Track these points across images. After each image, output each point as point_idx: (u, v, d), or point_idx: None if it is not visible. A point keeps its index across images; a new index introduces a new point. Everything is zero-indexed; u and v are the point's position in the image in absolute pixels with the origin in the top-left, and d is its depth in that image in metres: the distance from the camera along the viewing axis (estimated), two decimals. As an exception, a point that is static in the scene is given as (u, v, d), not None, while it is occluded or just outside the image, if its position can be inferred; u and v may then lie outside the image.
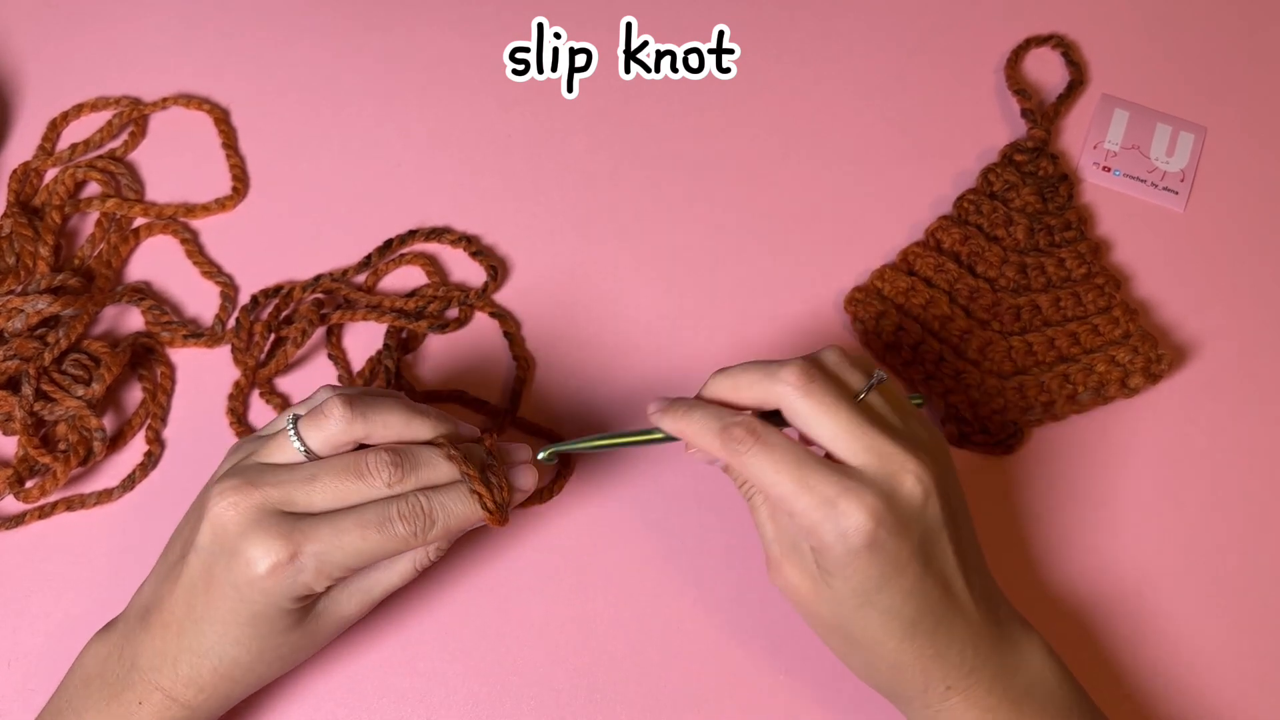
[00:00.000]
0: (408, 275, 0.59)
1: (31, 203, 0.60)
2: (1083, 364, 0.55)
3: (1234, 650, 0.51)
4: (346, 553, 0.40)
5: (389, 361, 0.55)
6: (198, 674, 0.42)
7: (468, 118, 0.64)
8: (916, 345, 0.56)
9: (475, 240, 0.59)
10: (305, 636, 0.43)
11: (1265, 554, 0.53)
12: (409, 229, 0.59)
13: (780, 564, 0.43)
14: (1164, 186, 0.62)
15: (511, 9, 0.67)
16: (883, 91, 0.65)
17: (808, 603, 0.43)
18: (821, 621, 0.43)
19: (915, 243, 0.59)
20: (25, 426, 0.52)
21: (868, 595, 0.40)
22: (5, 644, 0.50)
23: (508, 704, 0.50)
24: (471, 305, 0.57)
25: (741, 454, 0.41)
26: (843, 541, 0.39)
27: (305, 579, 0.41)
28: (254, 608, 0.41)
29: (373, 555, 0.41)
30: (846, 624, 0.42)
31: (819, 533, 0.40)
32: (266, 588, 0.40)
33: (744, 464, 0.41)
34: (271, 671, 0.44)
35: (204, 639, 0.42)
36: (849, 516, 0.39)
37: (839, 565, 0.40)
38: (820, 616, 0.43)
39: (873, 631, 0.41)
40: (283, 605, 0.41)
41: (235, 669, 0.42)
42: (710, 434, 0.42)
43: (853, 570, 0.40)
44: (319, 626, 0.43)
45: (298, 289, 0.57)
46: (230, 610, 0.41)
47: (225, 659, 0.42)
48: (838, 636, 0.43)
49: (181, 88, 0.64)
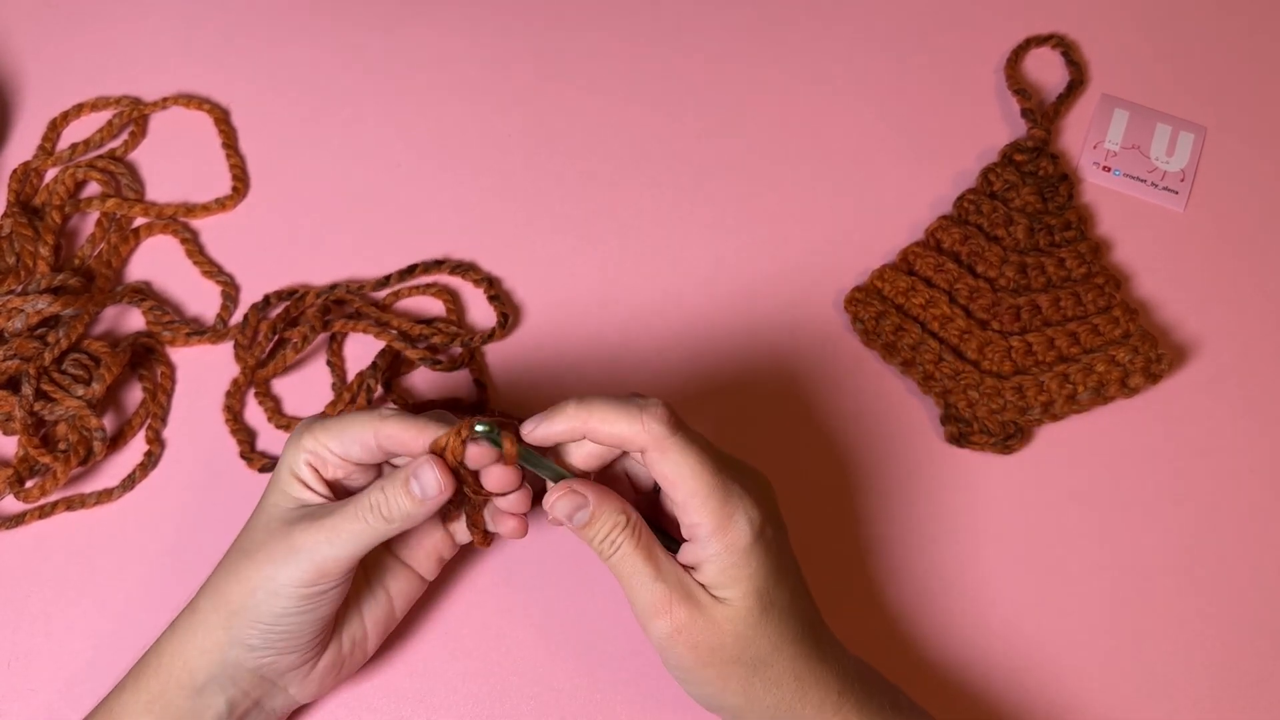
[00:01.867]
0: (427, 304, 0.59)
1: (32, 203, 0.60)
2: (1083, 364, 0.55)
3: (1232, 648, 0.51)
4: (341, 420, 0.43)
5: (371, 380, 0.55)
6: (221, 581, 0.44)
7: (467, 118, 0.64)
8: (916, 345, 0.56)
9: (496, 284, 0.59)
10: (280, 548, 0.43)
11: (1265, 554, 0.53)
12: (435, 258, 0.59)
13: (667, 607, 0.41)
14: (1164, 186, 0.62)
15: (512, 9, 0.67)
16: (883, 91, 0.65)
17: (703, 636, 0.41)
18: (720, 653, 0.42)
19: (915, 243, 0.59)
20: (25, 426, 0.52)
21: (766, 595, 0.41)
22: (5, 644, 0.50)
23: (508, 704, 0.50)
24: (472, 349, 0.56)
25: (661, 454, 0.41)
26: (744, 534, 0.41)
27: (304, 439, 0.43)
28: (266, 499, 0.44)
29: (355, 424, 0.43)
30: (749, 637, 0.41)
31: (724, 531, 0.41)
32: (284, 455, 0.44)
33: (651, 466, 0.41)
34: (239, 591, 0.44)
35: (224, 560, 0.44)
36: (744, 514, 0.41)
37: (739, 565, 0.41)
38: (719, 648, 0.41)
39: (774, 636, 0.42)
40: (281, 477, 0.44)
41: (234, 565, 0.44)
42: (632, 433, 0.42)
43: (754, 565, 0.41)
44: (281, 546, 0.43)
45: (311, 294, 0.57)
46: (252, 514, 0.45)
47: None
48: (739, 665, 0.42)
49: (181, 88, 0.64)
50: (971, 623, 0.52)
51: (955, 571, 0.53)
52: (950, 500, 0.54)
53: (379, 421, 0.42)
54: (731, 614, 0.41)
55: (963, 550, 0.53)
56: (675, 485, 0.41)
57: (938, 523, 0.54)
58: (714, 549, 0.41)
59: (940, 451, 0.56)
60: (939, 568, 0.53)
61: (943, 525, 0.54)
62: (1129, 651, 0.51)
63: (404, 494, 0.41)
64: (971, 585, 0.53)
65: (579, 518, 0.42)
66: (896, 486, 0.55)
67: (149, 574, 0.52)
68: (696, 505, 0.41)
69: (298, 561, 0.42)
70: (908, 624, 0.52)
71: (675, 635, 0.41)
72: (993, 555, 0.53)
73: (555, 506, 0.42)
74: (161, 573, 0.52)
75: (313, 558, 0.42)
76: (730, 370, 0.57)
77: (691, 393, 0.57)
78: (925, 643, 0.51)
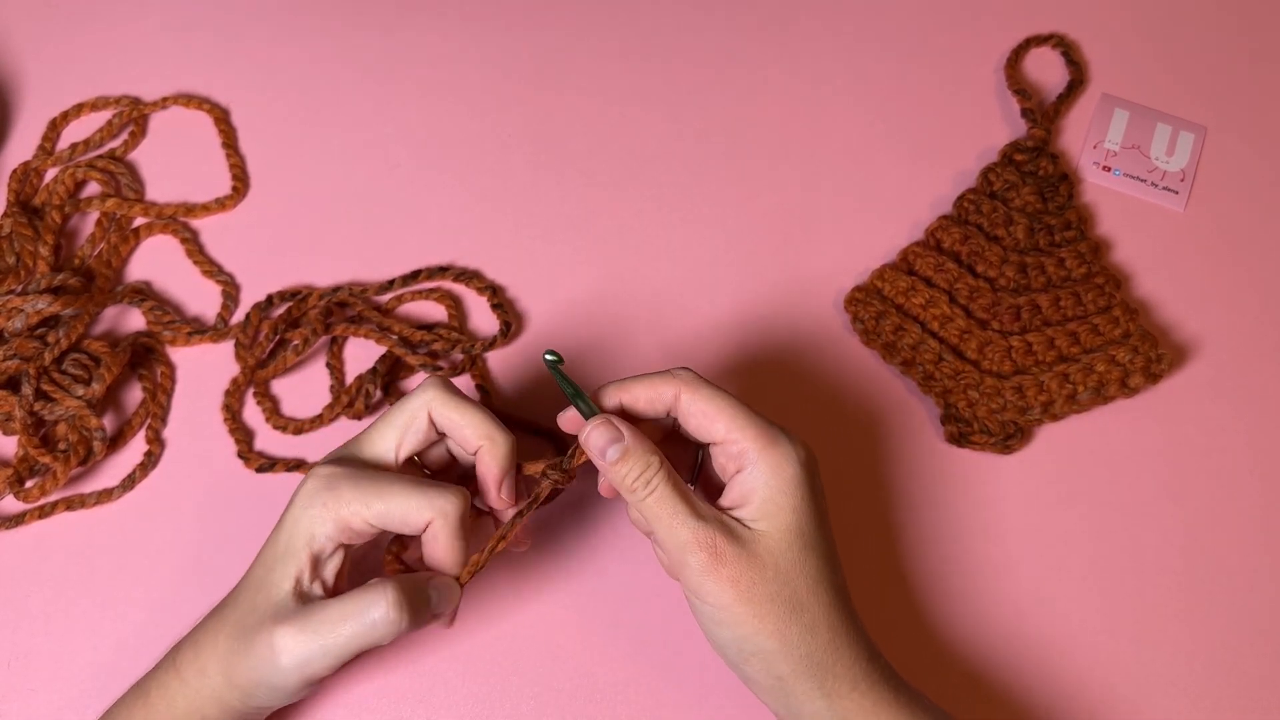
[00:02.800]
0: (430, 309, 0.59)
1: (31, 202, 0.60)
2: (1083, 364, 0.55)
3: (1233, 648, 0.51)
4: (377, 486, 0.42)
5: (370, 385, 0.55)
6: (204, 633, 0.43)
7: (466, 118, 0.64)
8: (916, 345, 0.56)
9: (500, 292, 0.58)
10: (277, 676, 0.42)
11: (1265, 554, 0.53)
12: (440, 264, 0.59)
13: (709, 540, 0.41)
14: (1164, 186, 0.62)
15: (512, 10, 0.67)
16: (883, 91, 0.65)
17: (743, 569, 0.41)
18: (759, 589, 0.41)
19: (915, 242, 0.59)
20: (25, 426, 0.52)
21: (807, 535, 0.42)
22: (5, 644, 0.50)
23: (508, 704, 0.50)
24: (474, 356, 0.56)
25: (694, 394, 0.43)
26: (792, 462, 0.42)
27: (331, 500, 0.42)
28: (277, 537, 0.43)
29: (398, 500, 0.42)
30: (788, 575, 0.41)
31: (771, 449, 0.42)
32: (299, 498, 0.42)
33: (687, 410, 0.43)
34: (242, 679, 0.42)
35: (240, 590, 0.43)
36: (791, 444, 0.43)
37: (785, 493, 0.42)
38: (758, 582, 0.41)
39: (811, 580, 0.42)
40: (295, 544, 0.42)
41: (231, 645, 0.42)
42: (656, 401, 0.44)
43: (799, 499, 0.42)
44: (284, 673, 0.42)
45: (314, 295, 0.57)
46: (265, 547, 0.43)
47: (234, 621, 0.43)
48: (777, 604, 0.41)
49: (181, 88, 0.64)
50: (971, 622, 0.52)
51: (955, 571, 0.53)
52: (950, 500, 0.54)
53: (444, 515, 0.42)
54: (772, 547, 0.41)
55: (963, 550, 0.53)
56: (714, 417, 0.43)
57: (938, 523, 0.54)
58: (761, 472, 0.42)
59: (940, 451, 0.56)
60: (939, 567, 0.53)
61: (943, 525, 0.54)
62: (1129, 651, 0.51)
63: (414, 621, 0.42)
64: (971, 585, 0.53)
65: (612, 452, 0.42)
66: (897, 486, 0.55)
67: (149, 574, 0.52)
68: (740, 426, 0.42)
69: (294, 673, 0.41)
70: (905, 624, 0.52)
71: (716, 568, 0.41)
72: (993, 555, 0.53)
73: (591, 436, 0.43)
74: (161, 572, 0.52)
75: (312, 672, 0.41)
76: (731, 371, 0.57)
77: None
78: (925, 642, 0.51)
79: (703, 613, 0.43)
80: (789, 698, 0.42)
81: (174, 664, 0.44)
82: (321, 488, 0.42)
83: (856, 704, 0.42)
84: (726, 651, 0.43)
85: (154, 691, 0.43)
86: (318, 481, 0.42)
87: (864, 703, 0.42)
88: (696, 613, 0.43)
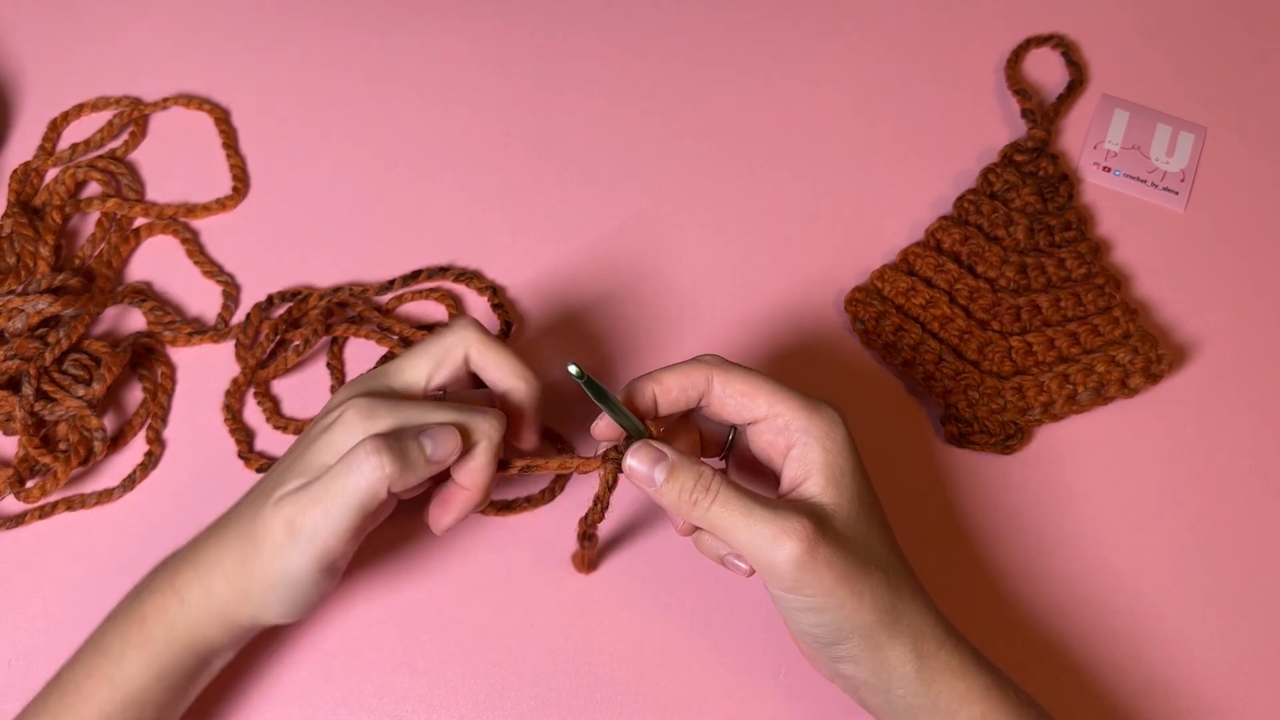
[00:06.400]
0: (430, 309, 0.59)
1: (32, 203, 0.60)
2: (1083, 364, 0.55)
3: (1232, 649, 0.51)
4: (414, 407, 0.43)
5: None
6: (217, 561, 0.43)
7: (466, 118, 0.64)
8: (916, 345, 0.56)
9: (500, 292, 0.58)
10: (291, 557, 0.42)
11: (1265, 554, 0.53)
12: (440, 264, 0.59)
13: (796, 528, 0.40)
14: (1164, 186, 0.62)
15: (512, 9, 0.67)
16: (883, 91, 0.65)
17: (834, 547, 0.40)
18: (852, 561, 0.41)
19: (915, 243, 0.59)
20: (26, 426, 0.52)
21: (867, 498, 0.43)
22: (5, 644, 0.50)
23: (508, 704, 0.50)
24: None
25: (726, 376, 0.44)
26: (839, 426, 0.43)
27: (374, 425, 0.42)
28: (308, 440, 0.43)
29: (434, 416, 0.43)
30: (868, 539, 0.42)
31: (817, 416, 0.43)
32: (338, 430, 0.42)
33: (723, 392, 0.44)
34: (256, 583, 0.42)
35: (255, 522, 0.42)
36: (832, 409, 0.43)
37: (845, 456, 0.42)
38: (850, 556, 0.41)
39: (883, 539, 0.43)
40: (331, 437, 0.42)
41: (250, 568, 0.42)
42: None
43: (854, 463, 0.43)
44: (299, 551, 0.42)
45: (315, 296, 0.57)
46: (289, 456, 0.43)
47: (236, 531, 0.43)
48: (870, 572, 0.41)
49: (181, 88, 0.64)
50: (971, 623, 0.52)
51: (955, 571, 0.53)
52: (950, 500, 0.54)
53: (488, 438, 0.43)
54: (846, 517, 0.42)
55: (963, 550, 0.53)
56: (753, 394, 0.43)
57: (938, 523, 0.54)
58: (816, 442, 0.42)
59: (940, 451, 0.56)
60: (939, 567, 0.53)
61: (943, 525, 0.54)
62: (1129, 652, 0.51)
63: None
64: (971, 585, 0.53)
65: (659, 473, 0.42)
66: (896, 486, 0.55)
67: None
68: (781, 398, 0.43)
69: (307, 546, 0.41)
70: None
71: (811, 555, 0.40)
72: (992, 555, 0.53)
73: (633, 467, 0.43)
74: (162, 573, 0.52)
75: (323, 541, 0.41)
76: (730, 370, 0.57)
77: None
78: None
79: (799, 605, 0.41)
80: (884, 668, 0.42)
81: (171, 586, 0.43)
82: (363, 416, 0.42)
83: (944, 663, 0.42)
84: (824, 636, 0.42)
85: (151, 616, 0.43)
86: (358, 412, 0.42)
87: (951, 661, 0.42)
88: (790, 608, 0.42)
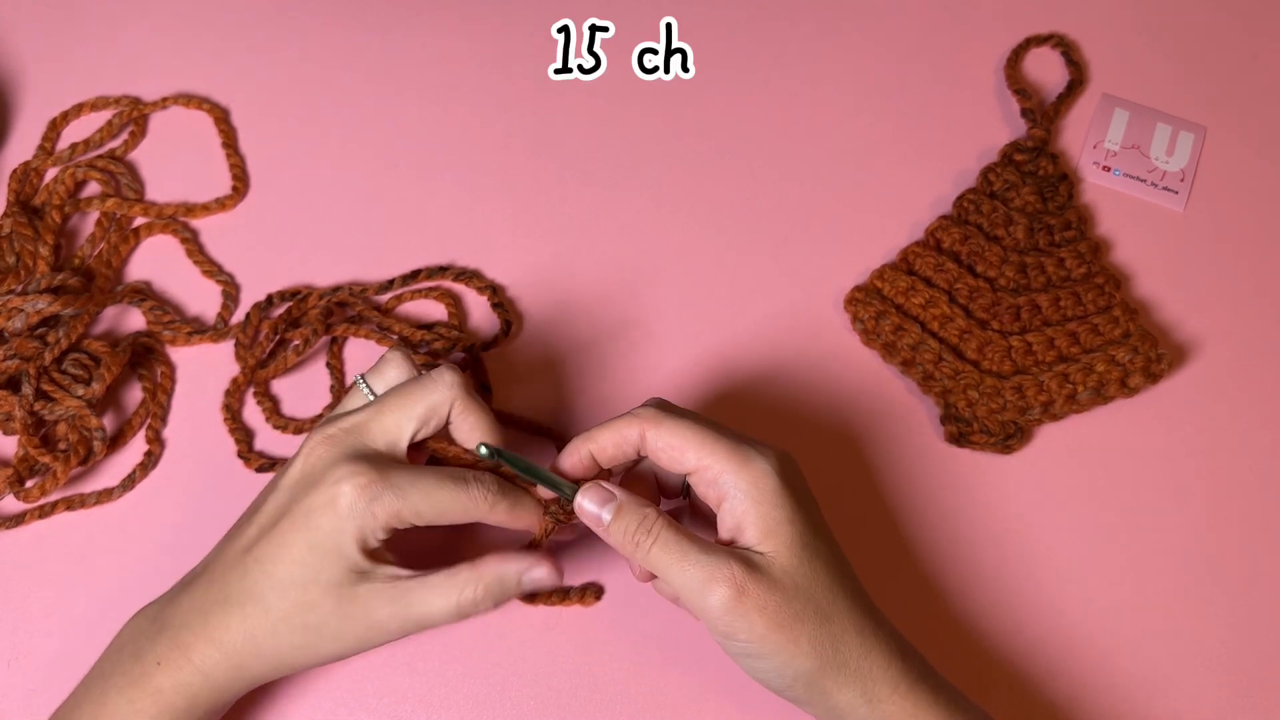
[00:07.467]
0: (429, 308, 0.59)
1: (31, 202, 0.60)
2: (1082, 364, 0.55)
3: (1232, 649, 0.51)
4: (421, 493, 0.42)
5: None
6: (224, 628, 0.42)
7: (466, 118, 0.64)
8: (916, 345, 0.56)
9: (500, 291, 0.58)
10: (334, 618, 0.42)
11: (1266, 554, 0.54)
12: (439, 264, 0.59)
13: (726, 572, 0.41)
14: (1164, 186, 0.62)
15: (510, 9, 0.67)
16: (883, 91, 0.65)
17: (768, 595, 0.41)
18: (786, 610, 0.41)
19: (915, 242, 0.59)
20: (25, 426, 0.52)
21: (809, 544, 0.42)
22: (5, 644, 0.50)
23: (508, 704, 0.50)
24: (475, 356, 0.56)
25: (658, 428, 0.44)
26: (768, 476, 0.42)
27: (379, 510, 0.41)
28: (316, 536, 0.41)
29: (446, 506, 0.42)
30: (806, 588, 0.42)
31: (745, 467, 0.42)
32: (340, 509, 0.41)
33: (655, 446, 0.44)
34: (288, 652, 0.42)
35: (245, 581, 0.42)
36: (762, 457, 0.43)
37: (776, 506, 0.42)
38: (784, 604, 0.41)
39: (826, 586, 0.42)
40: (343, 543, 0.41)
41: (261, 626, 0.42)
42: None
43: (789, 509, 0.42)
44: (348, 614, 0.42)
45: (314, 295, 0.57)
46: (290, 542, 0.42)
47: (256, 610, 0.42)
48: (805, 621, 0.41)
49: (181, 88, 0.64)
50: (971, 623, 0.52)
51: (954, 572, 0.53)
52: (950, 500, 0.54)
53: (487, 508, 0.43)
54: (783, 565, 0.41)
55: (962, 550, 0.53)
56: (682, 448, 0.42)
57: (937, 523, 0.54)
58: (743, 496, 0.42)
59: (940, 451, 0.56)
60: (938, 568, 0.53)
61: (942, 525, 0.54)
62: (1129, 651, 0.51)
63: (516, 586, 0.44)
64: (971, 585, 0.53)
65: (606, 514, 0.43)
66: (896, 486, 0.55)
67: (149, 574, 0.52)
68: (709, 451, 0.42)
69: (353, 638, 0.42)
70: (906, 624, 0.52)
71: (741, 600, 0.40)
72: (992, 555, 0.53)
73: (583, 506, 0.43)
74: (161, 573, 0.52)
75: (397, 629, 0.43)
76: (731, 371, 0.57)
77: (693, 394, 0.57)
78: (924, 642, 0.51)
79: (737, 650, 0.42)
80: (834, 712, 0.42)
81: (188, 660, 0.42)
82: (366, 500, 0.41)
83: (899, 707, 0.42)
84: (770, 682, 0.43)
85: (168, 689, 0.42)
86: (357, 493, 0.41)
87: (905, 705, 0.42)
88: (731, 653, 0.43)
